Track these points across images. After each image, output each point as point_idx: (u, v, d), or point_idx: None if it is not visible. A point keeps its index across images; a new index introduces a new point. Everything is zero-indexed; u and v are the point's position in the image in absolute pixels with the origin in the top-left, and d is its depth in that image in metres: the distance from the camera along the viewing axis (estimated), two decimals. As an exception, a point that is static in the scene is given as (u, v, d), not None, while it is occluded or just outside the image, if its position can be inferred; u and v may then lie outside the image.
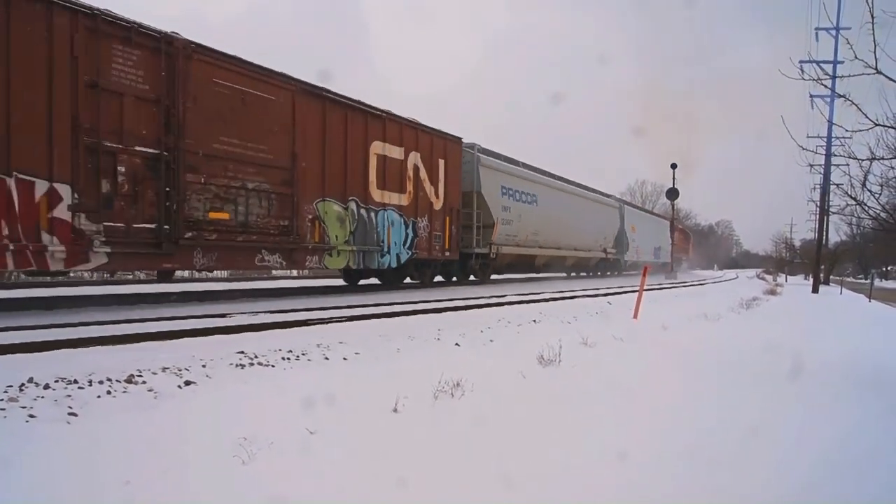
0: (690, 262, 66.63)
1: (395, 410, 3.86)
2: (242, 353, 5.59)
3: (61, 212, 8.41)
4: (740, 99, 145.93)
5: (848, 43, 5.96)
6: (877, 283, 31.32)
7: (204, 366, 5.02)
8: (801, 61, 11.54)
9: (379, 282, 17.53)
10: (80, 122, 8.54)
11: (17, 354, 5.11)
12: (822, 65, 23.91)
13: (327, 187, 13.00)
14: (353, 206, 13.78)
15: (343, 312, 9.37)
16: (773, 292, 22.18)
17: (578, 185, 29.70)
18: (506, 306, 11.85)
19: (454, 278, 19.49)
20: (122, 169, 9.12)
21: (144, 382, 4.38)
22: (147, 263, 10.08)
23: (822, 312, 14.74)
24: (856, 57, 5.77)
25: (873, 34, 5.71)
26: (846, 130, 6.75)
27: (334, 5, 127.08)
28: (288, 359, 5.56)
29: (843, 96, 6.76)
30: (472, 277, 20.09)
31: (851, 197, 8.64)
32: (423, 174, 16.19)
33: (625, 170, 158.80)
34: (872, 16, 5.77)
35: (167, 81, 9.67)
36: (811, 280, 29.76)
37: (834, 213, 23.42)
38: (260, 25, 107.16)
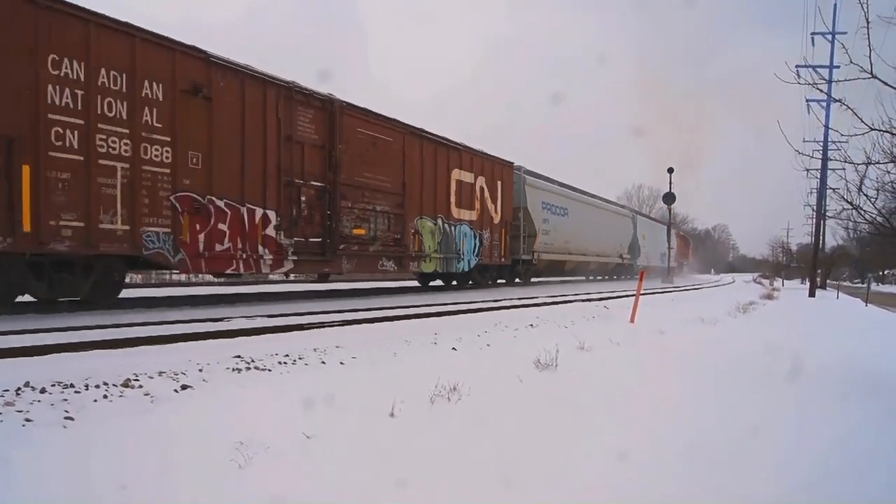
0: (690, 266, 68.96)
1: (392, 415, 3.86)
2: (239, 357, 5.58)
3: (270, 230, 11.76)
4: (738, 102, 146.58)
5: (843, 48, 5.99)
6: (873, 287, 31.36)
7: (200, 370, 5.01)
8: (797, 66, 11.58)
9: (442, 283, 20.97)
10: (281, 165, 11.89)
11: (14, 358, 5.10)
12: (818, 69, 24.08)
13: (423, 207, 16.48)
14: (439, 221, 17.26)
15: (346, 316, 9.38)
16: (769, 297, 22.20)
17: (599, 198, 33.80)
18: (503, 310, 11.86)
19: (500, 280, 22.54)
20: (303, 198, 12.49)
21: (141, 386, 4.37)
22: (314, 268, 13.30)
23: (819, 316, 14.76)
24: (851, 62, 5.79)
25: (868, 39, 5.74)
26: (841, 135, 6.79)
27: (333, 8, 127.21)
28: (285, 363, 5.56)
29: (839, 101, 6.80)
30: (516, 280, 23.31)
31: (848, 201, 8.69)
32: (486, 194, 19.78)
33: (623, 172, 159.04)
34: (868, 20, 5.80)
35: (329, 132, 13.02)
36: (808, 284, 29.80)
37: (830, 217, 23.46)
38: (259, 27, 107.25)
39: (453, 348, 6.85)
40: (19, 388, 4.04)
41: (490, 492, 2.83)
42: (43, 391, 4.04)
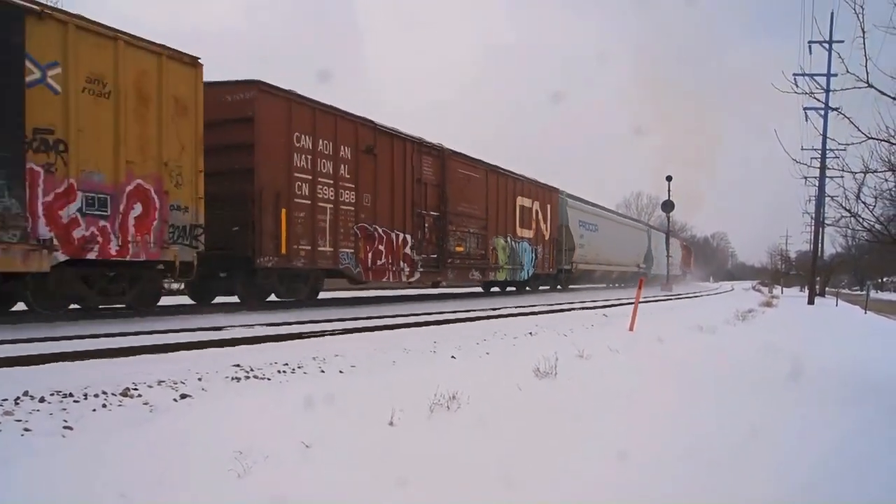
0: (692, 274, 72.37)
1: (391, 423, 3.86)
2: (238, 365, 5.58)
3: (407, 249, 16.19)
4: (738, 109, 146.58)
5: (840, 57, 6.02)
6: (872, 294, 31.38)
7: (200, 379, 5.01)
8: (794, 74, 11.62)
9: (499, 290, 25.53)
10: (413, 200, 16.41)
11: (13, 368, 5.10)
12: (815, 77, 24.14)
13: (498, 228, 21.12)
14: (508, 239, 21.87)
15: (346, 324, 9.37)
16: (768, 304, 22.19)
17: (621, 215, 39.29)
18: (500, 318, 11.86)
19: (542, 287, 27.18)
20: (426, 225, 17.03)
21: (140, 396, 4.37)
22: (431, 277, 18.20)
23: (818, 324, 14.76)
24: (847, 71, 5.83)
25: (864, 48, 5.77)
26: (839, 144, 6.82)
27: (331, 12, 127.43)
28: (284, 372, 5.55)
29: (836, 109, 6.84)
30: (558, 287, 28.28)
31: (846, 209, 8.71)
32: (539, 215, 24.63)
33: (622, 180, 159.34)
34: (863, 30, 5.84)
35: (441, 173, 17.68)
36: (807, 292, 29.81)
37: (829, 224, 23.53)
38: (258, 29, 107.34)
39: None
40: (18, 398, 4.04)
41: (490, 499, 2.83)
42: (42, 400, 4.04)
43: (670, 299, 25.37)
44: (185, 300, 13.16)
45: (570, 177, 78.93)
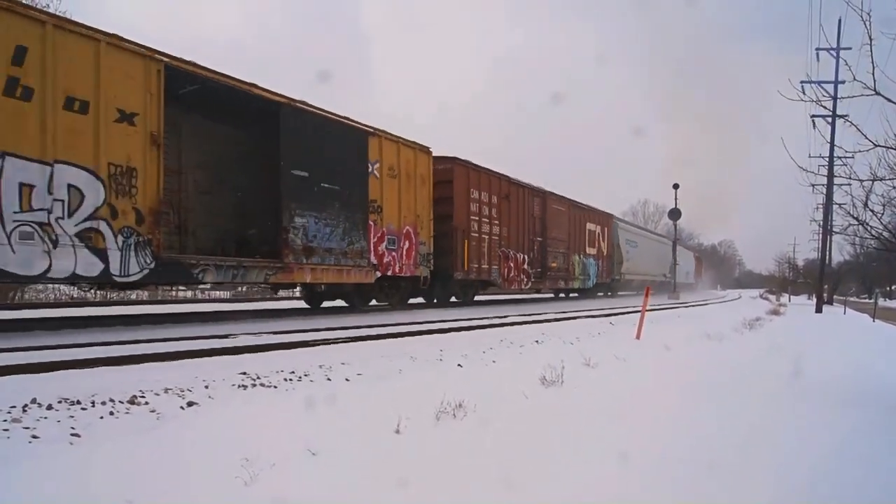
0: (703, 283, 76.08)
1: (398, 431, 3.86)
2: (245, 373, 5.59)
3: (525, 266, 22.00)
4: (746, 114, 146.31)
5: (846, 64, 6.01)
6: (881, 302, 31.18)
7: (206, 386, 5.02)
8: (802, 81, 11.62)
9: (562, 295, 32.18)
10: (529, 230, 22.51)
11: (21, 375, 5.12)
12: (823, 85, 24.07)
13: (576, 248, 27.88)
14: (581, 256, 28.53)
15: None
16: (776, 312, 22.09)
17: (652, 232, 46.28)
18: (507, 327, 11.85)
19: (598, 294, 34.02)
20: (535, 247, 23.12)
21: (147, 403, 4.38)
22: (536, 286, 24.25)
23: (826, 332, 14.67)
24: (854, 78, 5.82)
25: (871, 56, 5.76)
26: (846, 151, 6.81)
27: (332, 15, 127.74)
28: (290, 379, 5.56)
29: (843, 117, 6.83)
30: (608, 293, 35.70)
31: (854, 217, 8.67)
32: (600, 237, 31.36)
33: (629, 187, 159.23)
34: (870, 37, 5.83)
35: (542, 209, 23.86)
36: (814, 300, 29.67)
37: (837, 232, 23.40)
38: (256, 32, 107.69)
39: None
40: (26, 405, 4.06)
41: (496, 509, 2.83)
42: (49, 408, 4.06)
43: (678, 307, 25.29)
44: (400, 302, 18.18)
45: (576, 183, 78.80)
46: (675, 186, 37.61)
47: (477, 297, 21.88)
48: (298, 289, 17.18)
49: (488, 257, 19.41)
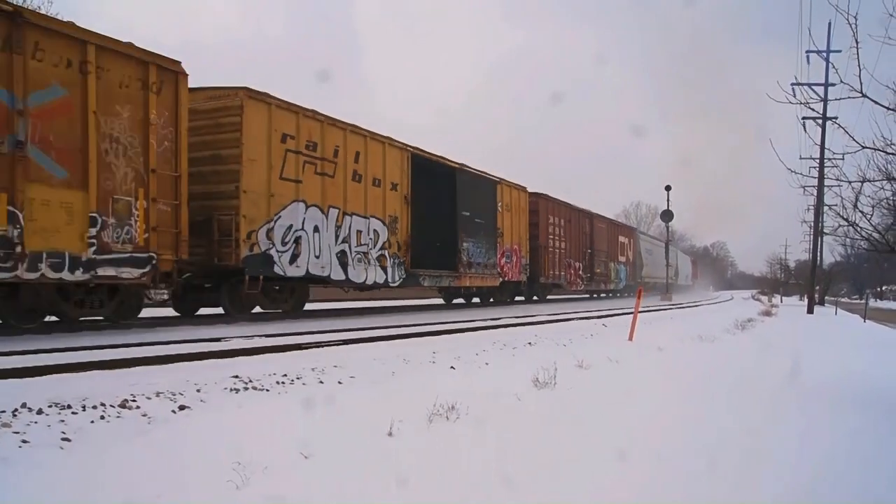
0: (699, 285, 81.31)
1: (390, 434, 3.86)
2: (237, 377, 5.57)
3: (580, 272, 29.90)
4: (738, 117, 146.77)
5: (834, 68, 6.07)
6: (871, 302, 31.37)
7: (198, 390, 5.00)
8: (792, 83, 11.69)
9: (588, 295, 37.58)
10: (582, 244, 30.21)
11: (11, 379, 5.09)
12: (813, 87, 24.20)
13: (613, 257, 35.39)
14: (615, 263, 35.93)
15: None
16: (768, 313, 22.20)
17: (660, 240, 51.21)
18: (501, 329, 11.86)
19: (625, 295, 39.97)
20: (585, 258, 30.60)
21: (138, 407, 4.36)
22: (588, 287, 32.25)
23: (817, 333, 14.76)
24: (841, 81, 5.86)
25: (858, 59, 5.81)
26: (835, 153, 6.85)
27: (330, 19, 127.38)
28: (283, 383, 5.55)
29: (832, 119, 6.89)
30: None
31: (844, 218, 8.70)
32: (627, 247, 39.32)
33: (621, 189, 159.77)
34: (857, 41, 5.87)
35: (590, 227, 31.57)
36: (806, 301, 29.82)
37: (827, 234, 23.54)
38: (256, 42, 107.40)
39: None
40: (16, 409, 4.03)
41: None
42: (40, 412, 4.03)
43: (670, 308, 25.37)
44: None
45: (568, 184, 78.85)
46: (668, 188, 37.83)
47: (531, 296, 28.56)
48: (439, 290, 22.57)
49: (558, 266, 26.77)
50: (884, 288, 62.92)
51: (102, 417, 4.08)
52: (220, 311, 12.67)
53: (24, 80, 8.14)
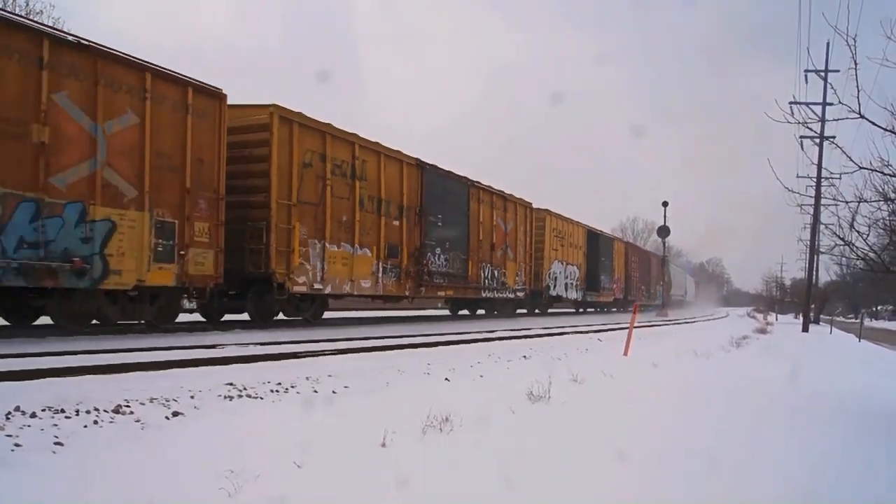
0: (701, 302, 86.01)
1: (384, 444, 3.86)
2: (231, 384, 5.57)
3: (645, 291, 46.45)
4: (737, 132, 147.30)
5: (832, 88, 6.12)
6: (866, 322, 31.44)
7: (192, 397, 4.99)
8: (790, 102, 11.76)
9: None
10: (628, 268, 41.38)
11: (4, 383, 5.07)
12: (811, 107, 24.33)
13: (653, 278, 48.69)
14: (653, 283, 48.57)
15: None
16: (763, 331, 22.22)
17: (677, 265, 61.35)
18: (495, 342, 11.86)
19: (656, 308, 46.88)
20: (630, 280, 42.02)
21: (132, 413, 4.36)
22: (646, 303, 43.66)
23: (812, 351, 14.78)
24: (840, 102, 5.91)
25: (856, 79, 5.86)
26: (830, 173, 6.90)
27: (329, 26, 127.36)
28: (277, 391, 5.54)
29: (830, 139, 6.93)
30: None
31: (840, 237, 8.72)
32: (663, 270, 47.55)
33: (618, 204, 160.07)
34: (856, 62, 5.93)
35: (634, 255, 43.87)
36: (801, 319, 29.86)
37: (823, 252, 23.59)
38: (255, 51, 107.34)
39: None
40: (9, 413, 4.03)
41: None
42: (33, 416, 4.03)
43: (666, 324, 25.37)
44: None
45: (564, 197, 78.94)
46: (665, 204, 37.95)
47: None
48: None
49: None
50: (879, 308, 63.04)
51: (96, 422, 4.07)
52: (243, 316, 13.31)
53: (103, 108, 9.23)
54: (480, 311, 23.27)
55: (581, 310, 33.55)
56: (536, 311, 27.37)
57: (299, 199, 12.71)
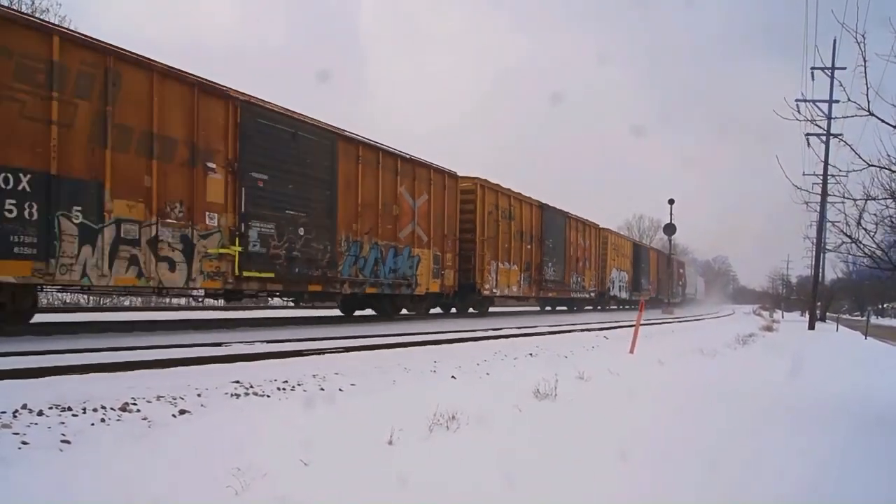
0: (709, 300, 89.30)
1: (390, 442, 3.85)
2: (238, 382, 5.57)
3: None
4: (743, 130, 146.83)
5: (841, 85, 6.08)
6: (873, 320, 31.30)
7: (199, 395, 4.99)
8: (797, 100, 11.70)
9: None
10: (677, 275, 54.50)
11: (12, 380, 5.08)
12: (818, 104, 24.22)
13: (675, 281, 51.03)
14: (676, 284, 52.73)
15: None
16: (769, 329, 22.14)
17: (688, 265, 64.48)
18: (501, 339, 11.84)
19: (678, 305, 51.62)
20: (678, 283, 55.53)
21: (139, 410, 4.36)
22: (674, 303, 47.09)
23: (818, 349, 14.71)
24: (849, 99, 5.87)
25: (865, 77, 5.82)
26: (838, 170, 6.86)
27: (333, 26, 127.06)
28: (283, 389, 5.54)
29: (837, 136, 6.88)
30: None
31: (847, 235, 8.67)
32: (683, 272, 59.42)
33: (624, 202, 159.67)
34: (865, 59, 5.89)
35: (665, 262, 47.91)
36: (807, 316, 29.75)
37: (830, 250, 23.47)
38: (253, 37, 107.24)
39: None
40: (17, 411, 4.03)
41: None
42: (40, 414, 4.03)
43: (672, 322, 25.32)
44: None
45: (571, 195, 78.83)
46: (671, 202, 37.89)
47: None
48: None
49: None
50: (885, 305, 62.80)
51: (103, 420, 4.07)
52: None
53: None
54: (562, 308, 31.41)
55: (624, 307, 38.91)
56: (598, 307, 33.79)
57: (486, 235, 19.78)
